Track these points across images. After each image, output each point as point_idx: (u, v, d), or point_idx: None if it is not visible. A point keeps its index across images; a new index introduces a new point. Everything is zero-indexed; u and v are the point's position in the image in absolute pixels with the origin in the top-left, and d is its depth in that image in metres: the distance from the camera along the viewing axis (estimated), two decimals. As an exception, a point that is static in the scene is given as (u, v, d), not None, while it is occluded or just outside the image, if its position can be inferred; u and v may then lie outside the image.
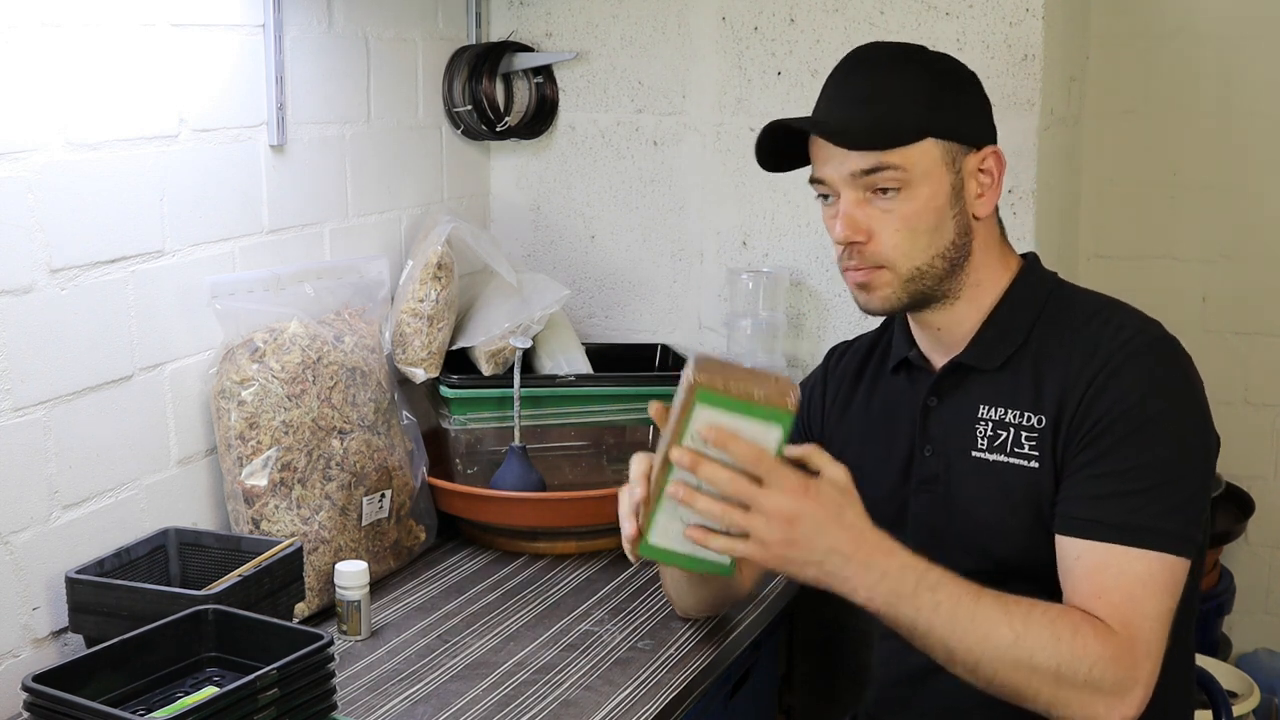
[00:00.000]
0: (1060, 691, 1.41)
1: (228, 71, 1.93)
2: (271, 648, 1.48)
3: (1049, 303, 1.62)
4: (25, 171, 1.62)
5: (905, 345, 1.70)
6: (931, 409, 1.64)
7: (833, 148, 1.56)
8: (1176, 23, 2.83)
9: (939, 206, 1.56)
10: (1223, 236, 2.87)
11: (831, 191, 1.59)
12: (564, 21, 2.51)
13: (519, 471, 2.15)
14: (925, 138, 1.55)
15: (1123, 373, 1.51)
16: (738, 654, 1.85)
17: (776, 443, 1.35)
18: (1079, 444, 1.52)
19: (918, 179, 1.55)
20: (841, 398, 1.78)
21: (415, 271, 2.16)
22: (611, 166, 2.53)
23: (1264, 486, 2.89)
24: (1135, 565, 1.46)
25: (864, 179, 1.55)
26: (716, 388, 1.32)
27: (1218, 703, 1.98)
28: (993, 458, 1.58)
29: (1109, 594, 1.45)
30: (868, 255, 1.56)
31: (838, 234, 1.57)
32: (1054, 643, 1.40)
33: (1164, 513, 1.47)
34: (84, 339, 1.72)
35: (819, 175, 1.60)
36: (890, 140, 1.54)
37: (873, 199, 1.56)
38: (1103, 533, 1.47)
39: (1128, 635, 1.43)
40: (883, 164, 1.54)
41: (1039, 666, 1.40)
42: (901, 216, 1.55)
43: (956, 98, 1.61)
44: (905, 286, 1.57)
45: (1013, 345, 1.60)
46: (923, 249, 1.56)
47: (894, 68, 1.61)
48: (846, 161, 1.55)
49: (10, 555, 1.64)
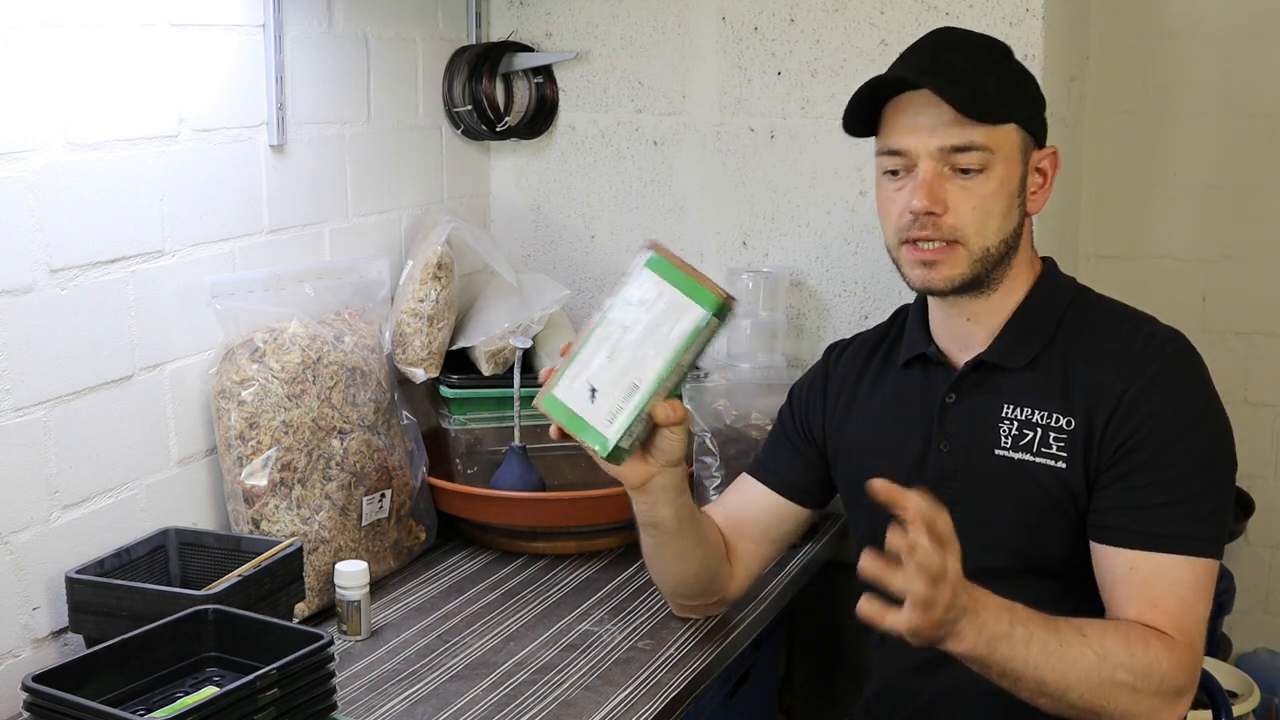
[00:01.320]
0: (1136, 703, 1.46)
1: (228, 71, 1.93)
2: (271, 648, 1.48)
3: (1072, 305, 1.64)
4: (25, 171, 1.62)
5: (922, 341, 1.70)
6: (950, 405, 1.65)
7: (923, 118, 1.56)
8: (1176, 23, 2.83)
9: (1011, 192, 1.58)
10: (1223, 236, 2.87)
11: (907, 164, 1.58)
12: (564, 21, 2.51)
13: (519, 471, 2.15)
14: (1012, 120, 1.58)
15: (1159, 383, 1.54)
16: (738, 654, 1.85)
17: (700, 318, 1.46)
18: (1116, 453, 1.54)
19: (999, 162, 1.57)
20: (845, 395, 1.78)
21: (415, 271, 2.16)
22: (611, 166, 2.53)
23: (1264, 486, 2.89)
24: (1185, 573, 1.50)
25: (952, 155, 1.56)
26: (669, 256, 1.45)
27: (1218, 703, 1.98)
28: (1018, 456, 1.59)
29: (1164, 602, 1.49)
30: (944, 228, 1.57)
31: (917, 203, 1.56)
32: (1130, 658, 1.45)
33: (1205, 518, 1.51)
34: (84, 339, 1.72)
35: (900, 146, 1.58)
36: (996, 115, 1.56)
37: (951, 176, 1.57)
38: (1154, 543, 1.51)
39: (1188, 643, 1.48)
40: (974, 143, 1.55)
41: (1121, 682, 1.44)
42: (980, 196, 1.56)
43: (1032, 91, 1.65)
44: (972, 266, 1.58)
45: (1038, 345, 1.61)
46: (994, 231, 1.58)
47: (987, 50, 1.64)
48: (937, 135, 1.56)
49: (10, 555, 1.64)
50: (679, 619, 1.88)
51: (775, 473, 1.83)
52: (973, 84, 1.57)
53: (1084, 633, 1.45)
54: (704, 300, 1.44)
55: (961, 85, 1.56)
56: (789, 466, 1.83)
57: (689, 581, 1.78)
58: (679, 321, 1.47)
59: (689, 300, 1.44)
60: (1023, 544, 1.60)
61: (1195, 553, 1.50)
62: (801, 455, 1.82)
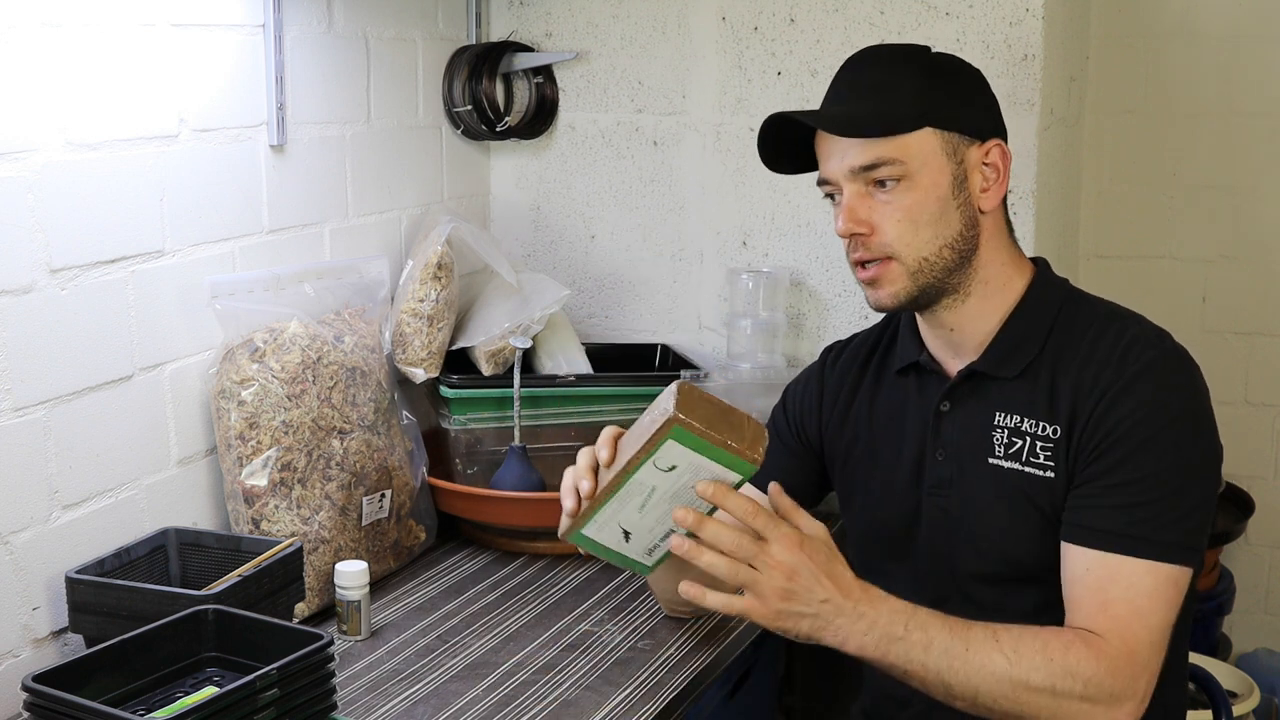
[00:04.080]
0: (1059, 706, 1.44)
1: (228, 71, 1.93)
2: (271, 648, 1.48)
3: (1062, 311, 1.63)
4: (25, 171, 1.62)
5: (915, 349, 1.70)
6: (944, 414, 1.65)
7: (834, 145, 1.58)
8: (1176, 23, 2.83)
9: (941, 196, 1.57)
10: (1223, 236, 2.87)
11: (836, 189, 1.60)
12: (564, 21, 2.51)
13: (519, 471, 2.15)
14: (923, 126, 1.56)
15: (1134, 386, 1.52)
16: (738, 654, 1.85)
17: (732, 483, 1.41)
18: (1090, 455, 1.53)
19: (916, 169, 1.56)
20: (843, 399, 1.78)
21: (415, 271, 2.16)
22: (611, 166, 2.53)
23: (1264, 486, 2.89)
24: (1144, 578, 1.47)
25: (863, 174, 1.56)
26: (694, 429, 1.36)
27: (1218, 703, 1.98)
28: (1009, 465, 1.59)
29: (1115, 606, 1.47)
30: (873, 246, 1.57)
31: (840, 227, 1.58)
32: (1047, 662, 1.43)
33: (1173, 524, 1.48)
34: (84, 339, 1.72)
35: (823, 175, 1.61)
36: (886, 127, 1.55)
37: (874, 192, 1.57)
38: (1113, 543, 1.49)
39: (1127, 649, 1.45)
40: (881, 159, 1.55)
41: (1035, 686, 1.43)
42: (903, 208, 1.56)
43: (955, 89, 1.62)
44: (913, 279, 1.58)
45: (1030, 354, 1.60)
46: (927, 240, 1.57)
47: (892, 63, 1.63)
48: (846, 157, 1.57)
49: (10, 555, 1.64)
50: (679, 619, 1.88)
51: (767, 472, 1.83)
52: (869, 101, 1.58)
53: (998, 638, 1.44)
54: (737, 468, 1.40)
55: (855, 106, 1.58)
56: (781, 467, 1.82)
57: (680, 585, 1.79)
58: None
59: (721, 468, 1.40)
60: (1016, 553, 1.59)
61: (1155, 557, 1.47)
62: (794, 455, 1.82)
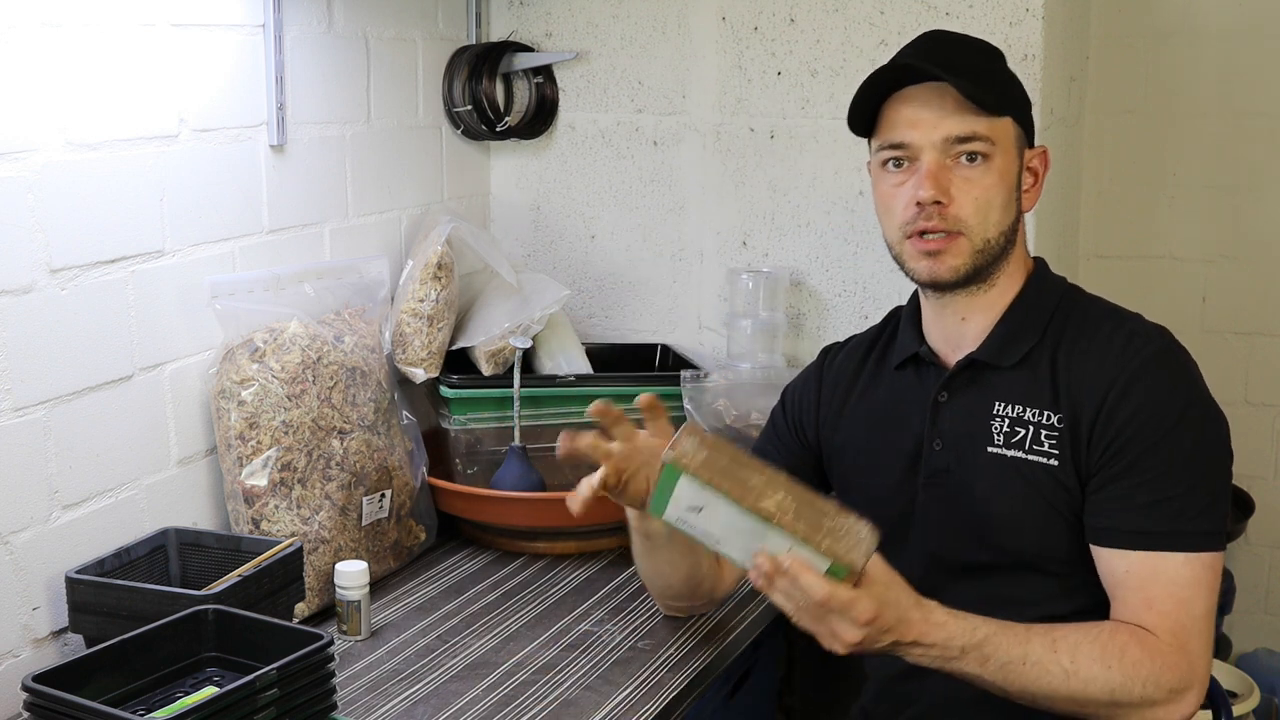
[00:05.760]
0: (1118, 712, 1.47)
1: (228, 71, 1.93)
2: (271, 648, 1.48)
3: (1061, 304, 1.65)
4: (25, 171, 1.62)
5: (914, 341, 1.71)
6: (942, 404, 1.65)
7: (925, 112, 1.58)
8: (1176, 23, 2.83)
9: (1010, 185, 1.61)
10: (1223, 236, 2.87)
11: (910, 155, 1.59)
12: (564, 21, 2.51)
13: (519, 471, 2.15)
14: (1008, 115, 1.60)
15: (1142, 381, 1.54)
16: (738, 654, 1.85)
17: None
18: (1105, 454, 1.54)
19: (1000, 153, 1.59)
20: (838, 398, 1.79)
21: (415, 271, 2.16)
22: (611, 166, 2.53)
23: (1264, 486, 2.89)
24: (1183, 571, 1.50)
25: (956, 146, 1.57)
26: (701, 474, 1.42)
27: (1218, 703, 1.97)
28: (1010, 454, 1.60)
29: (1160, 603, 1.50)
30: (949, 218, 1.58)
31: (924, 194, 1.57)
32: (1105, 671, 1.46)
33: (1201, 513, 1.51)
34: (84, 339, 1.72)
35: (902, 139, 1.60)
36: (997, 106, 1.58)
37: (955, 166, 1.58)
38: (1148, 542, 1.51)
39: (1178, 643, 1.48)
40: (977, 133, 1.57)
41: (1094, 697, 1.46)
42: (982, 186, 1.58)
43: (1023, 91, 1.67)
44: (974, 257, 1.59)
45: (1028, 343, 1.62)
46: (995, 222, 1.59)
47: (981, 51, 1.67)
48: (940, 126, 1.57)
49: (10, 555, 1.64)
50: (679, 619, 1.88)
51: None
52: (978, 77, 1.59)
53: (1055, 648, 1.47)
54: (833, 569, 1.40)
55: (964, 76, 1.58)
56: (780, 466, 1.82)
57: (675, 585, 1.80)
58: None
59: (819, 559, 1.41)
60: (1017, 541, 1.60)
61: (1190, 548, 1.50)
62: (793, 455, 1.82)
